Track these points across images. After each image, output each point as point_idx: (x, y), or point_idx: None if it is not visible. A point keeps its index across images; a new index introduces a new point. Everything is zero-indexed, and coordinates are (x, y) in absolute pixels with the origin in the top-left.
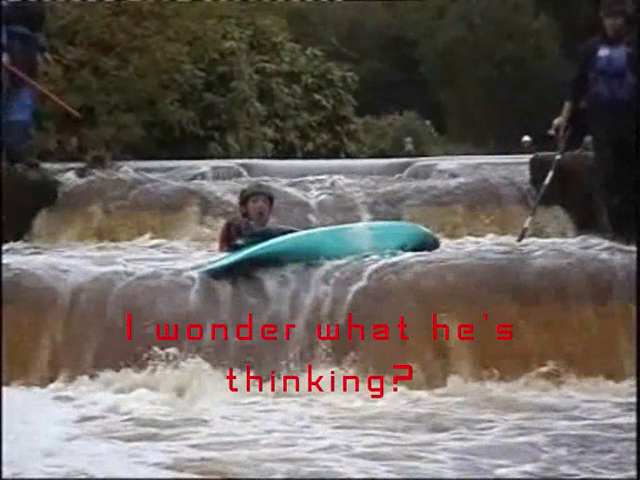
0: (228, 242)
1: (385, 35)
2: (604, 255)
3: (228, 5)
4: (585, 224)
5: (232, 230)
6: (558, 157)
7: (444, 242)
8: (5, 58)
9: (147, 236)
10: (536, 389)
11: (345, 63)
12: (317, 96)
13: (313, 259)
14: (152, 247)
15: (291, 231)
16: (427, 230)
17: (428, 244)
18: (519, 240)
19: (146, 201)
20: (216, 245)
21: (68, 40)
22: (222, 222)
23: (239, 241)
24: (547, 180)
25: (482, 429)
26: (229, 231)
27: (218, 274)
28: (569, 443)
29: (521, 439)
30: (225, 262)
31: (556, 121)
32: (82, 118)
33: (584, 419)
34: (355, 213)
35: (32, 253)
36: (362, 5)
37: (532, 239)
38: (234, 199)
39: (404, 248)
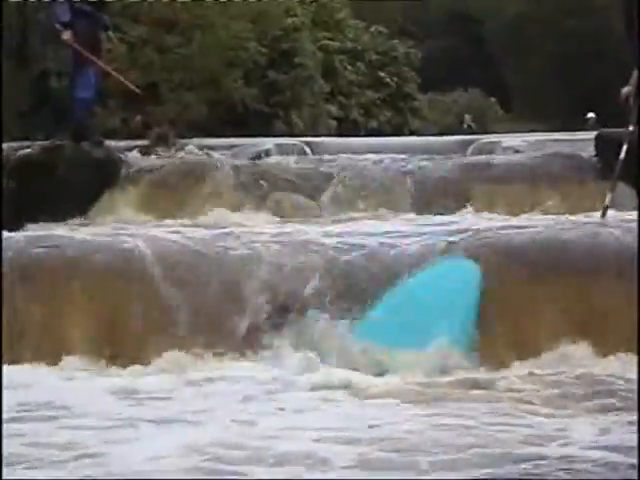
0: None
1: (451, 11)
2: None
3: None
4: None
5: None
6: (631, 129)
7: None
8: (67, 35)
9: None
10: None
11: (409, 40)
12: (381, 73)
13: None
14: None
15: None
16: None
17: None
18: (603, 216)
19: None
20: None
21: (131, 18)
22: None
23: None
24: (622, 154)
25: None
26: None
27: None
28: None
29: None
30: None
31: (624, 90)
32: (145, 96)
33: None
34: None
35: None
36: None
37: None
38: None
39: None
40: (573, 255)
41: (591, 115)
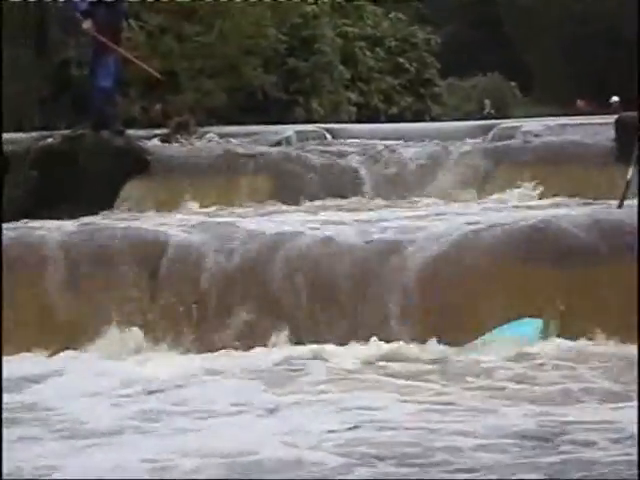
0: None
1: None
2: None
3: None
4: None
5: None
6: None
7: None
8: (88, 24)
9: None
10: None
11: (428, 25)
12: (400, 59)
13: None
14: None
15: None
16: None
17: None
18: (620, 206)
19: None
20: None
21: (151, 6)
22: None
23: None
24: None
25: None
26: None
27: None
28: None
29: None
30: None
31: None
32: (165, 84)
33: None
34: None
35: None
36: None
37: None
38: None
39: None
40: None
41: (615, 99)
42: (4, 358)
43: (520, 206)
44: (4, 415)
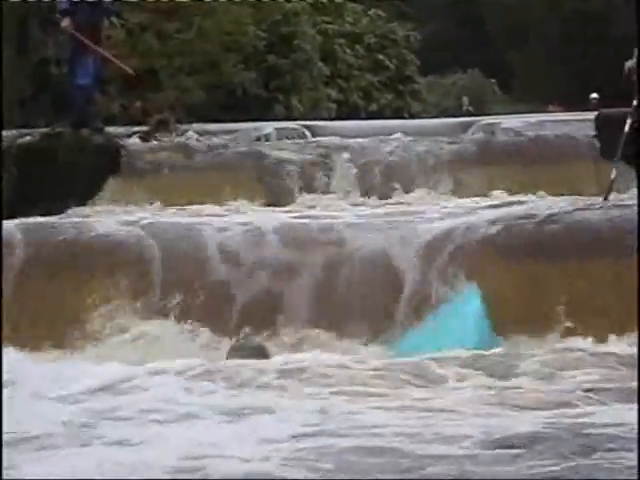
0: None
1: None
2: None
3: None
4: None
5: None
6: (635, 103)
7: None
8: (66, 23)
9: None
10: None
11: (410, 22)
12: (380, 56)
13: None
14: None
15: None
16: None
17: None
18: (606, 198)
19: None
20: None
21: (131, 4)
22: None
23: None
24: (626, 127)
25: None
26: None
27: None
28: None
29: None
30: None
31: (629, 64)
32: (145, 81)
33: None
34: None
35: None
36: None
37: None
38: None
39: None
40: None
41: (594, 95)
42: None
43: (501, 204)
44: None
